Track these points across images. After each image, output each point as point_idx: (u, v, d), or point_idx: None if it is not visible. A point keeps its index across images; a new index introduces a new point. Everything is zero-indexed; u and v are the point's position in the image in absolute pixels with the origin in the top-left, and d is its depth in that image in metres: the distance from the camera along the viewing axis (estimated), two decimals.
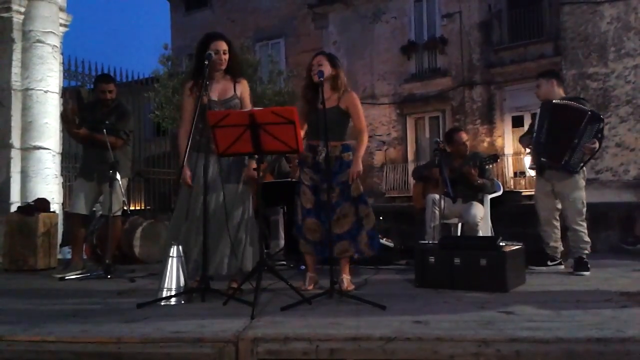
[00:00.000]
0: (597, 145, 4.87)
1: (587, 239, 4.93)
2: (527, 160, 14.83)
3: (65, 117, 5.33)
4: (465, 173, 5.48)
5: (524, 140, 5.39)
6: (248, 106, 3.97)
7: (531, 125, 5.35)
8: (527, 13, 15.89)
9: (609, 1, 14.52)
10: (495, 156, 5.84)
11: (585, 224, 4.95)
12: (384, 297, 3.52)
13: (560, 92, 5.17)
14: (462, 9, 16.99)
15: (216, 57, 3.94)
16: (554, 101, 5.02)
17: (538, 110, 5.16)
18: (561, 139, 4.90)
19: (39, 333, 2.76)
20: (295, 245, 4.35)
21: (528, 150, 5.15)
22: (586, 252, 4.91)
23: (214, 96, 3.99)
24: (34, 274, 5.50)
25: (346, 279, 4.05)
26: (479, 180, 5.50)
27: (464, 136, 5.82)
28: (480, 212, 5.46)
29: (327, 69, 4.02)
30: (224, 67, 4.04)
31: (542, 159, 5.00)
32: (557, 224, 5.16)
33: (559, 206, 5.10)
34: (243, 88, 4.13)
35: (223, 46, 4.00)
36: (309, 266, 4.22)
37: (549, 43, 15.66)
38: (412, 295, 3.88)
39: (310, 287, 4.07)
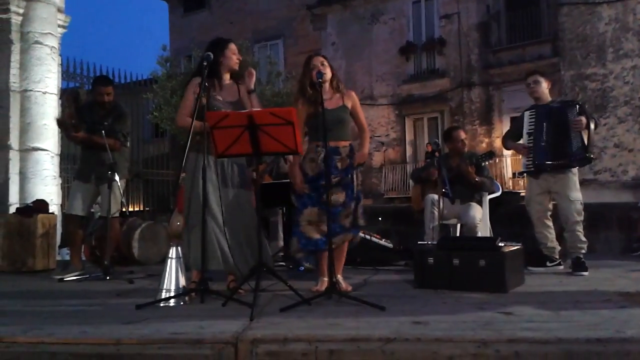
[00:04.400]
0: (582, 119, 4.86)
1: (584, 238, 4.94)
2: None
3: (62, 123, 5.33)
4: (462, 172, 5.48)
5: (512, 146, 5.40)
6: (248, 107, 3.99)
7: (516, 128, 5.37)
8: (525, 14, 15.92)
9: (607, 2, 14.54)
10: (491, 153, 5.83)
11: (582, 224, 4.96)
12: (383, 298, 3.52)
13: (548, 94, 5.25)
14: (460, 10, 17.02)
15: (235, 57, 4.10)
16: (552, 105, 5.06)
17: (526, 113, 5.20)
18: (560, 138, 4.95)
19: (38, 334, 2.75)
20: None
21: (529, 157, 5.12)
22: (583, 251, 4.93)
23: (224, 97, 4.05)
24: (33, 275, 5.49)
25: (342, 280, 4.03)
26: (477, 179, 5.50)
27: (462, 134, 5.84)
28: (479, 213, 5.47)
29: (329, 71, 4.03)
30: (237, 68, 4.18)
31: (547, 162, 5.00)
32: (550, 223, 5.17)
33: (551, 207, 5.12)
34: (243, 90, 4.15)
35: (236, 48, 4.17)
36: (323, 270, 4.08)
37: (547, 44, 15.68)
38: (411, 296, 3.88)
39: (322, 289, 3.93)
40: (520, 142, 5.29)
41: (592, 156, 5.00)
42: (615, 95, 14.41)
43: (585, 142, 4.93)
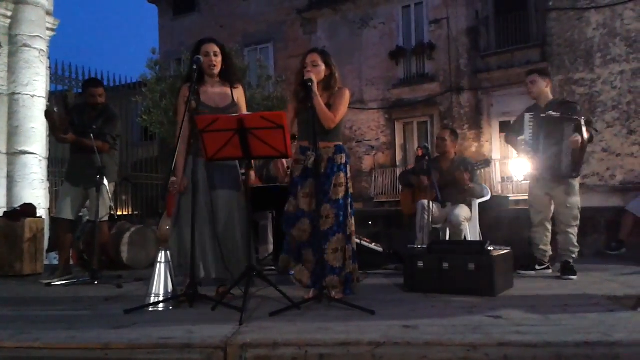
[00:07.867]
0: (579, 138, 4.81)
1: (576, 244, 4.96)
2: (512, 165, 14.88)
3: (51, 122, 5.29)
4: (457, 178, 5.48)
5: (513, 143, 5.41)
6: (244, 111, 3.95)
7: (519, 127, 5.32)
8: (514, 19, 16.02)
9: (595, 8, 14.69)
10: (487, 161, 5.88)
11: (577, 229, 4.98)
12: (373, 302, 3.53)
13: (549, 94, 5.19)
14: (449, 15, 17.10)
15: (206, 60, 3.89)
16: (548, 114, 4.96)
17: (527, 115, 5.12)
18: (553, 153, 4.93)
19: (25, 339, 2.74)
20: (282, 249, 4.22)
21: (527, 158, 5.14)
22: (574, 256, 4.94)
23: (213, 103, 3.92)
24: (20, 279, 5.44)
25: (335, 290, 3.84)
26: (470, 185, 5.51)
27: (443, 133, 5.88)
28: (464, 213, 5.46)
29: (321, 71, 3.86)
30: (216, 70, 3.97)
31: (544, 176, 5.01)
32: (549, 227, 5.17)
33: (553, 210, 5.13)
34: (239, 94, 4.06)
35: (213, 48, 3.94)
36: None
37: (535, 49, 15.78)
38: (401, 300, 3.88)
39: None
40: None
41: (575, 175, 4.99)
42: (603, 100, 14.55)
43: (576, 160, 4.92)
